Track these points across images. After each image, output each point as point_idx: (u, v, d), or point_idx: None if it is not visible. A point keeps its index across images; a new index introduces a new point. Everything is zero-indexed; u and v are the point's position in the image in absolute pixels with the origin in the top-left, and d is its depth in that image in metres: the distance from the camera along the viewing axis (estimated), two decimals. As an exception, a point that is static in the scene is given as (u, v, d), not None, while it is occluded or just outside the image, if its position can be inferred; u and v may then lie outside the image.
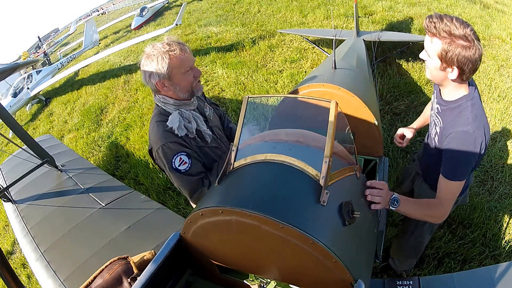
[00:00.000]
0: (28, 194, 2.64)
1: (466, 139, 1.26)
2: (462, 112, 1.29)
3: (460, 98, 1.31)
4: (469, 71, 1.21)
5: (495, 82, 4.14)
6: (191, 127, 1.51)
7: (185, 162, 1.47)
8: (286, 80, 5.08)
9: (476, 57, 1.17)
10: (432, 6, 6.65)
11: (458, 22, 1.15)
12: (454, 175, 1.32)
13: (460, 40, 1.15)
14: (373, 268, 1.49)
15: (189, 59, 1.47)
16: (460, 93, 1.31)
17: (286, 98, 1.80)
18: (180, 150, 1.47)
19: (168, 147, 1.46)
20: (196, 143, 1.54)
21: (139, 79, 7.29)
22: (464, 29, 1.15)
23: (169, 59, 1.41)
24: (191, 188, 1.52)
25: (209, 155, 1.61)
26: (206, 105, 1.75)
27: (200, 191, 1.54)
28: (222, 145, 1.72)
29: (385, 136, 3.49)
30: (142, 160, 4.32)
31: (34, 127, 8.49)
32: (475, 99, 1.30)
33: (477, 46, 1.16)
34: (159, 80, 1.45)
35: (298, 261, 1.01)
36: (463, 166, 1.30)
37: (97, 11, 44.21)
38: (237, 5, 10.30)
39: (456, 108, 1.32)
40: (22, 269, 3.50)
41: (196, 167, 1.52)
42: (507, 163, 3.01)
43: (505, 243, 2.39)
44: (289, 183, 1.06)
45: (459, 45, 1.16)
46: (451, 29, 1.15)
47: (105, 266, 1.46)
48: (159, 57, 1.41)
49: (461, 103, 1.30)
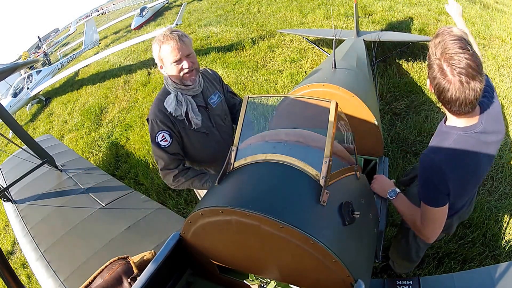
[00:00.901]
0: (28, 194, 2.64)
1: (428, 165, 1.20)
2: (444, 140, 1.20)
3: (452, 126, 1.21)
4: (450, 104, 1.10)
5: (495, 82, 4.14)
6: (181, 110, 1.67)
7: (166, 139, 1.68)
8: (286, 80, 5.07)
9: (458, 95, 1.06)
10: (432, 6, 6.65)
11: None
12: (422, 197, 1.26)
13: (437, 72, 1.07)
14: (373, 268, 1.49)
15: (181, 51, 1.59)
16: (455, 123, 1.20)
17: (286, 98, 1.80)
18: (164, 129, 1.67)
19: (156, 122, 1.67)
20: (183, 125, 1.72)
21: (139, 79, 7.30)
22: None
23: (160, 48, 1.59)
24: (164, 163, 1.73)
25: (193, 138, 1.77)
26: (217, 92, 1.86)
27: (171, 172, 1.74)
28: (216, 134, 1.83)
29: (385, 136, 3.49)
30: (142, 160, 4.32)
31: (34, 127, 8.49)
32: (470, 136, 1.17)
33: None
34: (158, 62, 1.67)
35: (298, 261, 1.01)
36: (428, 191, 1.24)
37: (97, 11, 44.22)
38: (237, 5, 10.29)
39: (444, 133, 1.23)
40: (22, 269, 3.50)
41: (174, 147, 1.71)
42: (507, 163, 3.01)
43: (505, 243, 2.39)
44: (289, 183, 1.06)
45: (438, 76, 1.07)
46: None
47: (105, 266, 1.46)
48: (156, 44, 1.61)
49: (450, 131, 1.20)
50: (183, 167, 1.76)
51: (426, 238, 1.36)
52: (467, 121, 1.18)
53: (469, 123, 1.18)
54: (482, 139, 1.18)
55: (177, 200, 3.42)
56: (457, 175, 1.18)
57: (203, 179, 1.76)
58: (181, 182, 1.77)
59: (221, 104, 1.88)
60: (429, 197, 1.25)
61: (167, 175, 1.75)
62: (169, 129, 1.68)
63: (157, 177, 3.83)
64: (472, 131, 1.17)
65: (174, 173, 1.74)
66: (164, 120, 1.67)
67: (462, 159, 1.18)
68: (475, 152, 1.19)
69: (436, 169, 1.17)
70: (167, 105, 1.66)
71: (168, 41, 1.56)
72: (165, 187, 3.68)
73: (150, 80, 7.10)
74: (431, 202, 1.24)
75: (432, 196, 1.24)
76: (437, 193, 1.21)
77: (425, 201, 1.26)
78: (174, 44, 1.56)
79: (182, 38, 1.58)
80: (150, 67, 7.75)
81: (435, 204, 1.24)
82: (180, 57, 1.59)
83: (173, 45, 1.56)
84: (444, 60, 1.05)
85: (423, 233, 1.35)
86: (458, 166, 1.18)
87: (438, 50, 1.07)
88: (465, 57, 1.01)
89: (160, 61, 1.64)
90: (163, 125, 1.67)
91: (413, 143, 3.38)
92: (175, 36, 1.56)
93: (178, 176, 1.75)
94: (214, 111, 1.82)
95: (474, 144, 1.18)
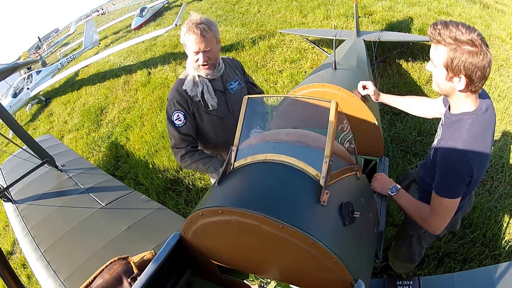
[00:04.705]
0: (28, 194, 2.64)
1: (454, 156, 1.20)
2: (460, 128, 1.22)
3: (463, 113, 1.24)
4: (477, 79, 1.13)
5: (495, 82, 4.14)
6: (196, 91, 1.78)
7: (180, 119, 1.80)
8: (286, 80, 5.08)
9: (484, 63, 1.09)
10: (432, 6, 6.65)
11: (464, 28, 1.09)
12: (441, 190, 1.27)
13: (467, 45, 1.08)
14: (373, 268, 1.49)
15: (200, 45, 1.65)
16: (465, 108, 1.23)
17: (286, 98, 1.79)
18: (180, 109, 1.79)
19: (173, 102, 1.79)
20: (198, 107, 1.82)
21: (139, 79, 7.30)
22: (470, 34, 1.08)
23: (185, 35, 1.67)
24: (175, 141, 1.84)
25: (207, 121, 1.87)
26: (237, 79, 1.96)
27: (179, 151, 1.84)
28: (232, 119, 1.92)
29: (385, 136, 3.50)
30: (142, 160, 4.32)
31: (34, 127, 8.49)
32: (481, 118, 1.21)
33: (485, 51, 1.08)
34: (183, 43, 1.76)
35: (298, 261, 1.01)
36: (449, 183, 1.25)
37: (97, 11, 44.22)
38: (237, 5, 10.29)
39: (456, 122, 1.25)
40: (22, 269, 3.50)
41: (187, 128, 1.82)
42: (507, 163, 3.01)
43: (505, 243, 2.39)
44: (289, 183, 1.06)
45: (465, 51, 1.09)
46: (456, 35, 1.09)
47: (105, 266, 1.46)
48: (184, 28, 1.69)
49: (463, 118, 1.23)
50: (191, 148, 1.85)
51: (435, 229, 1.39)
52: (475, 103, 1.22)
53: (476, 105, 1.22)
54: (487, 117, 1.23)
55: (177, 200, 3.42)
56: (479, 159, 1.20)
57: (207, 164, 1.82)
58: (187, 163, 1.86)
59: (240, 91, 1.96)
60: (450, 189, 1.26)
61: (176, 153, 1.86)
62: (184, 110, 1.79)
63: (157, 177, 3.83)
64: (480, 112, 1.21)
65: (182, 153, 1.83)
66: (181, 101, 1.78)
67: (481, 142, 1.21)
68: (489, 131, 1.25)
69: (463, 158, 1.19)
70: (186, 86, 1.76)
71: (191, 33, 1.64)
72: (165, 187, 3.69)
73: (150, 80, 7.10)
74: (452, 193, 1.26)
75: (454, 187, 1.25)
76: (460, 184, 1.24)
77: (445, 194, 1.27)
78: (195, 38, 1.63)
79: (204, 32, 1.63)
80: (150, 67, 7.75)
81: (455, 195, 1.26)
82: (197, 50, 1.68)
83: (194, 39, 1.64)
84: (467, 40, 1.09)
85: (433, 225, 1.38)
86: (480, 150, 1.20)
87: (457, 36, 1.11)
88: (477, 33, 1.09)
89: (184, 45, 1.74)
90: (179, 105, 1.78)
91: (413, 143, 3.39)
92: (199, 30, 1.62)
93: (185, 156, 1.84)
94: (232, 96, 1.91)
95: (486, 124, 1.23)
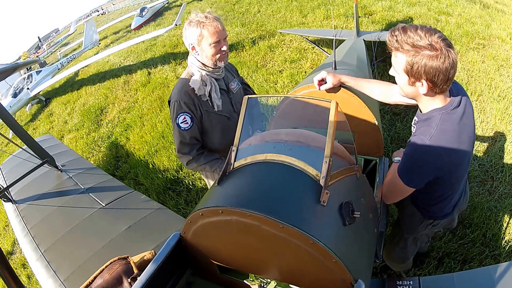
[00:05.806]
0: (28, 194, 2.64)
1: (422, 148, 1.21)
2: (430, 124, 1.23)
3: (431, 110, 1.25)
4: (441, 82, 1.12)
5: (495, 82, 4.13)
6: (205, 90, 1.73)
7: (186, 122, 1.73)
8: (286, 80, 5.07)
9: (446, 65, 1.08)
10: (432, 6, 6.64)
11: (423, 31, 1.08)
12: (401, 172, 1.31)
13: (425, 50, 1.08)
14: (373, 268, 1.49)
15: (220, 33, 1.67)
16: (434, 105, 1.24)
17: (286, 98, 1.80)
18: (187, 111, 1.72)
19: (179, 103, 1.72)
20: (207, 108, 1.78)
21: (139, 79, 7.30)
22: (430, 37, 1.07)
23: (201, 29, 1.64)
24: (181, 145, 1.80)
25: (215, 122, 1.83)
26: (235, 80, 1.97)
27: (185, 156, 1.81)
28: (237, 119, 1.88)
29: (385, 136, 3.49)
30: (142, 160, 4.32)
31: (34, 127, 8.49)
32: (451, 113, 1.21)
33: (445, 54, 1.07)
34: (191, 43, 1.70)
35: (298, 261, 1.01)
36: (412, 170, 1.28)
37: (97, 11, 44.24)
38: (237, 5, 10.29)
39: (427, 120, 1.26)
40: (22, 269, 3.50)
41: (193, 131, 1.77)
42: (507, 163, 3.01)
43: (505, 243, 2.38)
44: (289, 183, 1.06)
45: (424, 55, 1.08)
46: (414, 41, 1.08)
47: (105, 266, 1.46)
48: (193, 26, 1.66)
49: (432, 114, 1.24)
50: (196, 153, 1.83)
51: (385, 199, 1.51)
52: (444, 101, 1.23)
53: (446, 102, 1.24)
54: (460, 111, 1.24)
55: (177, 200, 3.42)
56: (449, 153, 1.21)
57: (213, 166, 1.84)
58: (193, 167, 1.86)
59: (240, 92, 1.98)
60: (408, 175, 1.30)
61: (181, 158, 1.84)
62: (192, 112, 1.74)
63: (157, 177, 3.83)
64: (451, 107, 1.22)
65: (189, 159, 1.81)
66: (188, 102, 1.72)
67: (454, 137, 1.22)
68: (465, 126, 1.25)
69: (431, 151, 1.20)
70: (193, 85, 1.71)
71: (211, 23, 1.64)
72: (165, 187, 3.69)
73: (150, 80, 7.10)
74: (408, 180, 1.31)
75: (412, 175, 1.30)
76: (421, 176, 1.28)
77: (402, 177, 1.31)
78: (212, 29, 1.64)
79: (218, 22, 1.66)
80: (150, 67, 7.75)
81: (410, 183, 1.30)
82: (219, 39, 1.68)
83: (212, 30, 1.64)
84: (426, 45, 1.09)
85: (388, 199, 1.50)
86: (451, 145, 1.21)
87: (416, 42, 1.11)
88: (438, 35, 1.09)
89: (197, 42, 1.68)
90: (186, 107, 1.72)
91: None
92: (213, 21, 1.65)
93: (191, 161, 1.83)
94: (235, 96, 1.92)
95: (458, 118, 1.23)
